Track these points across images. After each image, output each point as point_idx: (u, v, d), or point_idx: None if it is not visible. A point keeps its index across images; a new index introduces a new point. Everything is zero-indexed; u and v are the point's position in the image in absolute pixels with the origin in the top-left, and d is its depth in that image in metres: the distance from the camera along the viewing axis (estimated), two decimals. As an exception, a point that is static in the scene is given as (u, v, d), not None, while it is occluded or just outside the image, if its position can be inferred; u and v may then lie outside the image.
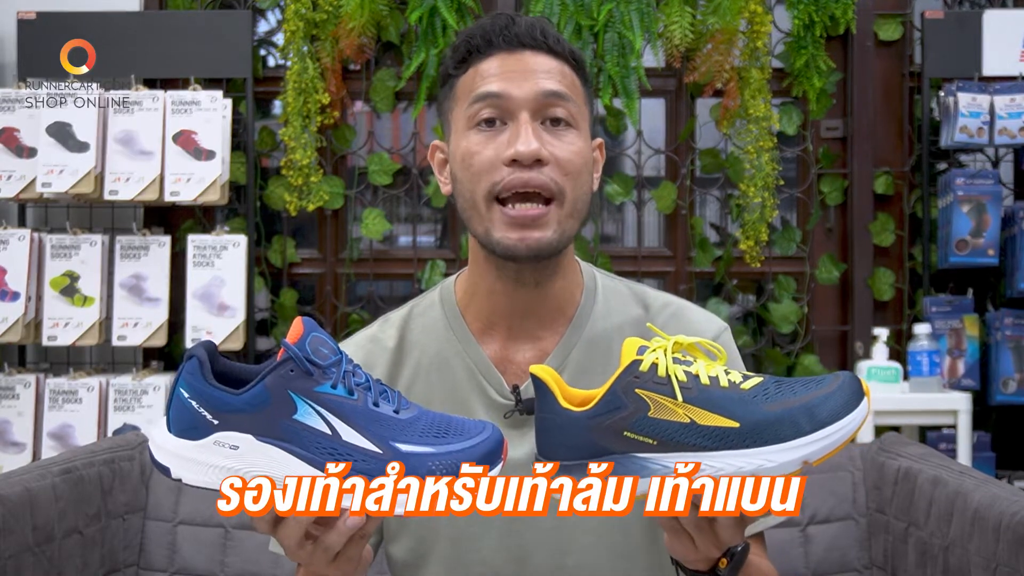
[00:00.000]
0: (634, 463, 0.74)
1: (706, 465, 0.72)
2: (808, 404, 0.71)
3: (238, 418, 0.72)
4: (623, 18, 2.47)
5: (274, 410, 0.72)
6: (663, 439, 0.72)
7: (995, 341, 2.44)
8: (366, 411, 0.73)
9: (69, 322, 2.31)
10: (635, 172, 2.65)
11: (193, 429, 0.73)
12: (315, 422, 0.72)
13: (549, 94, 0.96)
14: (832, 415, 0.70)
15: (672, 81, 2.67)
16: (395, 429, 0.73)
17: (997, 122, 2.37)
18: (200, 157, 2.31)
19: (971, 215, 2.39)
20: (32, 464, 1.64)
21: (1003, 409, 2.51)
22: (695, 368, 0.74)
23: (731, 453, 0.71)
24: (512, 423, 1.00)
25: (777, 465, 0.71)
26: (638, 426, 0.73)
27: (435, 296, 1.09)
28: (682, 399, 0.72)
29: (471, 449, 0.74)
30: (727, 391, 0.73)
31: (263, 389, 0.72)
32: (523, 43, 0.97)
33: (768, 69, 2.51)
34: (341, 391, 0.73)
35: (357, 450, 0.72)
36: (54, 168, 2.27)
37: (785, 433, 0.70)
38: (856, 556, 1.67)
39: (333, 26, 2.51)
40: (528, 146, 0.93)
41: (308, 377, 0.72)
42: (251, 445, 0.72)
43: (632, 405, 0.73)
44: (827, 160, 2.64)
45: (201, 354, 0.74)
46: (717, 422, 0.71)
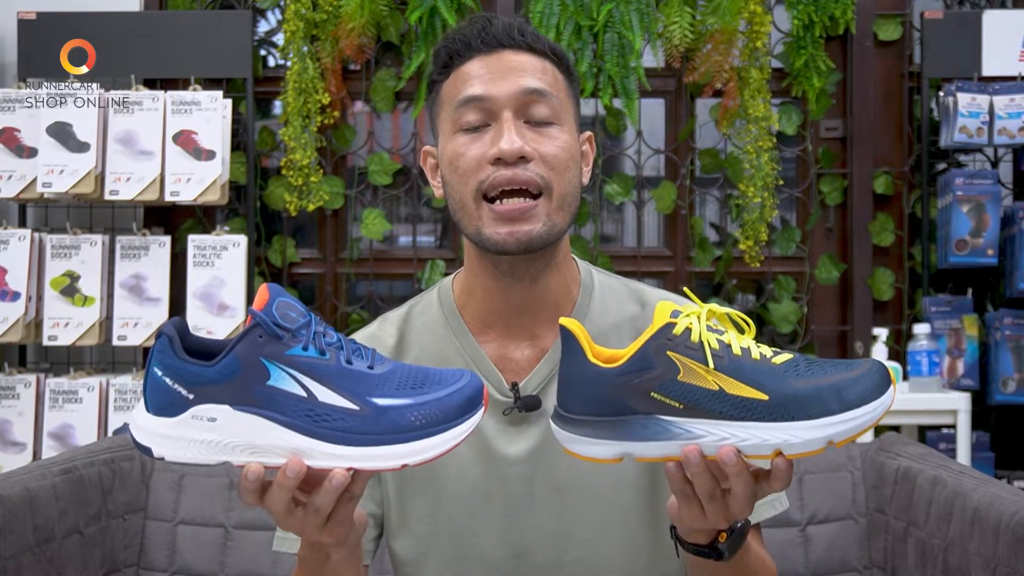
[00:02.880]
0: (657, 424, 0.73)
1: (731, 434, 0.71)
2: (837, 385, 0.71)
3: (213, 390, 0.72)
4: (623, 18, 2.47)
5: (247, 378, 0.72)
6: (690, 404, 0.72)
7: (994, 341, 2.45)
8: (339, 369, 0.73)
9: (69, 322, 2.31)
10: (635, 172, 2.65)
11: (170, 406, 0.73)
12: (290, 386, 0.72)
13: (530, 91, 0.96)
14: (860, 398, 0.70)
15: (672, 81, 2.67)
16: (371, 384, 0.73)
17: (996, 122, 2.37)
18: (200, 157, 2.31)
19: (970, 215, 2.39)
20: (32, 464, 1.64)
21: (1002, 409, 2.51)
22: (727, 338, 0.74)
23: (757, 425, 0.71)
24: (511, 420, 1.01)
25: (803, 442, 0.70)
26: (666, 388, 0.73)
27: (433, 296, 1.10)
28: (713, 366, 0.72)
29: (449, 396, 0.74)
30: (758, 363, 0.73)
31: (234, 358, 0.72)
32: (501, 43, 0.99)
33: (768, 69, 2.51)
34: (312, 352, 0.73)
35: (335, 409, 0.72)
36: (54, 168, 2.27)
37: (813, 410, 0.70)
38: (856, 556, 1.67)
39: (333, 26, 2.51)
40: (511, 144, 0.94)
41: (278, 341, 0.72)
42: (229, 415, 0.72)
43: (662, 367, 0.73)
44: (827, 160, 2.64)
45: (170, 331, 0.74)
46: (746, 392, 0.71)
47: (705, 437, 0.72)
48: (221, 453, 0.73)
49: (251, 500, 0.75)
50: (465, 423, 0.74)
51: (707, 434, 0.72)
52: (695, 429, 0.72)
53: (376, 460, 0.73)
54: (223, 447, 0.73)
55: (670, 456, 0.74)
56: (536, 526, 1.00)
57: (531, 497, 1.00)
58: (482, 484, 1.01)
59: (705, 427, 0.72)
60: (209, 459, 0.73)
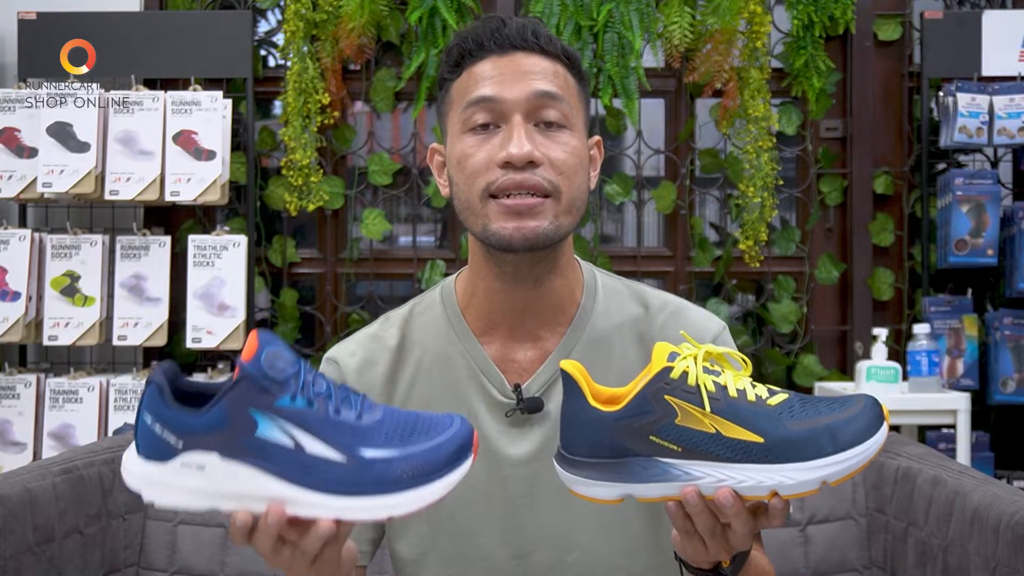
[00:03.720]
0: (656, 467, 0.75)
1: (728, 476, 0.74)
2: (831, 426, 0.73)
3: (202, 438, 0.72)
4: (623, 18, 2.47)
5: (236, 429, 0.72)
6: (688, 447, 0.74)
7: (994, 341, 2.45)
8: (327, 420, 0.73)
9: (70, 322, 2.31)
10: (635, 172, 2.65)
11: (160, 452, 0.73)
12: (278, 437, 0.72)
13: (541, 95, 0.96)
14: (854, 439, 0.72)
15: (672, 81, 2.67)
16: (358, 435, 0.73)
17: (996, 122, 2.37)
18: (200, 157, 2.31)
19: (970, 215, 2.39)
20: (32, 464, 1.64)
21: (1002, 409, 2.51)
22: (723, 379, 0.76)
23: (754, 467, 0.73)
24: (513, 422, 1.01)
25: (797, 483, 0.73)
26: (664, 432, 0.75)
27: (435, 295, 1.09)
28: (710, 409, 0.74)
29: (438, 447, 0.74)
30: (753, 405, 0.74)
31: (222, 409, 0.72)
32: (514, 45, 0.98)
33: (768, 69, 2.51)
34: (301, 403, 0.72)
35: (322, 461, 0.72)
36: (54, 168, 2.27)
37: (808, 452, 0.72)
38: (856, 556, 1.67)
39: (333, 26, 2.51)
40: (521, 148, 0.93)
41: (265, 393, 0.72)
42: (217, 464, 0.72)
43: (660, 411, 0.75)
44: (827, 160, 2.64)
45: (160, 379, 0.74)
46: (742, 435, 0.73)
47: (703, 479, 0.74)
48: (209, 500, 0.73)
49: (240, 543, 0.76)
50: (453, 474, 0.74)
51: (705, 476, 0.74)
52: (693, 471, 0.74)
53: (361, 511, 0.73)
54: (211, 495, 0.73)
55: (670, 497, 0.76)
56: (537, 527, 1.00)
57: (532, 498, 1.00)
58: (484, 485, 1.00)
59: (703, 469, 0.74)
60: (197, 506, 0.73)
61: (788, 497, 0.74)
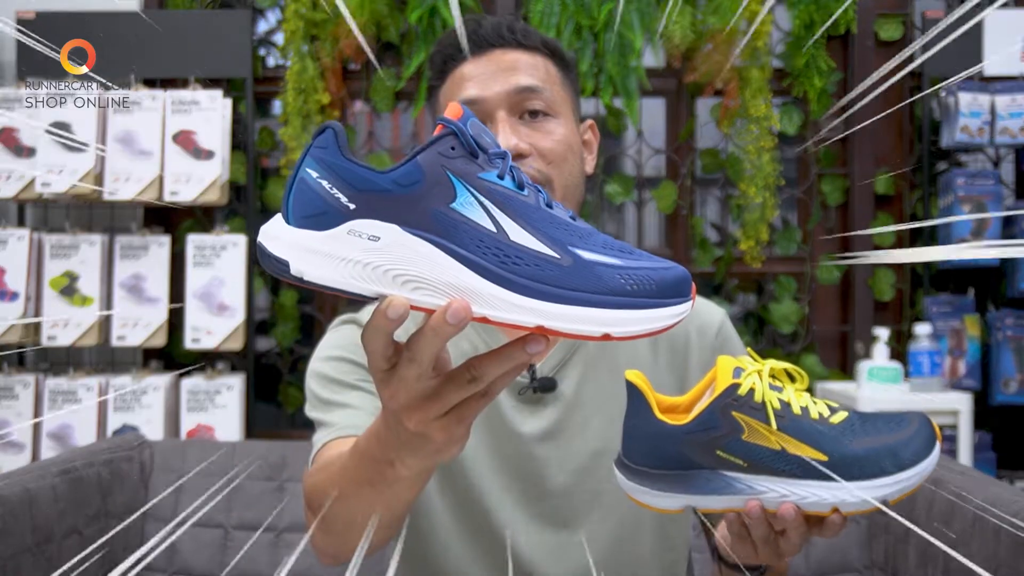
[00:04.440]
0: (721, 480, 0.77)
1: (792, 492, 0.76)
2: (891, 446, 0.76)
3: (382, 201, 0.58)
4: (623, 18, 2.47)
5: (428, 194, 0.58)
6: (754, 462, 0.76)
7: (996, 341, 2.44)
8: (539, 210, 0.59)
9: (68, 322, 2.30)
10: (635, 172, 2.65)
11: (322, 215, 0.58)
12: (478, 215, 0.58)
13: (522, 89, 0.98)
14: (913, 459, 0.76)
15: (672, 81, 2.66)
16: (574, 234, 0.59)
17: (998, 122, 2.36)
18: (200, 157, 2.31)
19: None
20: (32, 464, 1.64)
21: (1004, 409, 2.51)
22: (787, 396, 0.78)
23: (817, 484, 0.76)
24: (525, 400, 1.02)
25: (859, 501, 0.75)
26: (731, 447, 0.77)
27: None
28: (776, 427, 0.76)
29: (665, 270, 0.59)
30: (816, 423, 0.77)
31: (416, 167, 0.58)
32: (491, 43, 1.00)
33: (768, 69, 2.51)
34: (509, 183, 0.59)
35: (530, 253, 0.58)
36: (53, 168, 2.27)
37: (869, 471, 0.76)
38: (857, 556, 1.67)
39: (333, 26, 2.51)
40: (506, 143, 0.95)
41: (472, 160, 0.59)
42: (396, 236, 0.57)
43: (727, 427, 0.77)
44: (827, 160, 2.63)
45: (337, 126, 0.60)
46: (806, 452, 0.76)
47: (767, 493, 0.77)
48: (379, 283, 0.58)
49: (378, 344, 0.58)
50: (680, 305, 0.60)
51: (769, 491, 0.77)
52: (758, 486, 0.77)
53: (575, 322, 0.57)
54: (383, 275, 0.58)
55: (733, 508, 0.79)
56: (546, 502, 1.02)
57: (542, 477, 1.02)
58: (494, 453, 1.02)
59: (767, 484, 0.77)
60: (362, 287, 0.58)
61: (849, 514, 0.77)
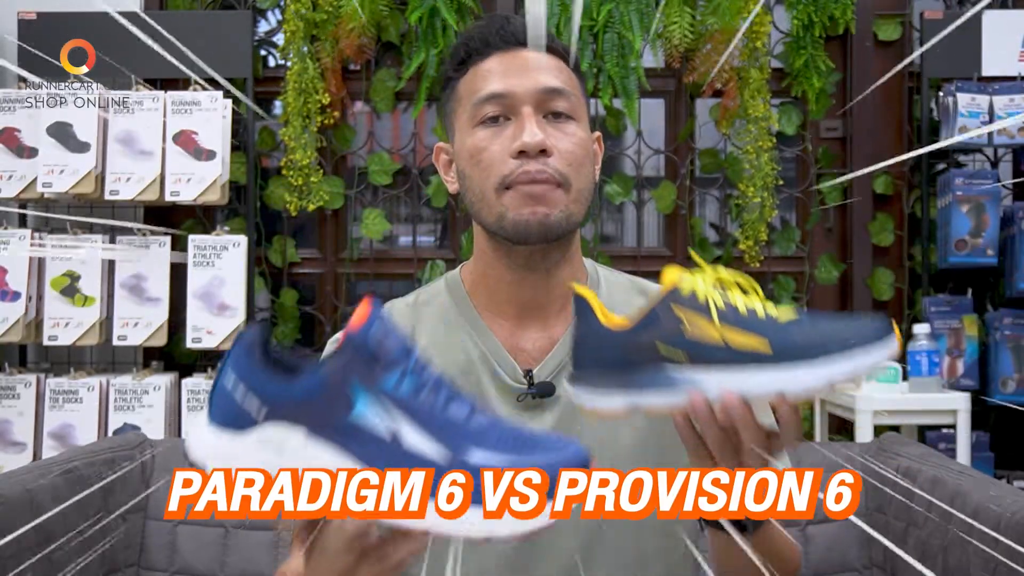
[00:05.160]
0: (663, 375, 0.76)
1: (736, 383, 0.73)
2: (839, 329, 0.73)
3: (289, 409, 0.63)
4: (623, 18, 2.47)
5: (330, 403, 0.62)
6: (695, 354, 0.74)
7: (994, 341, 2.45)
8: (434, 414, 0.63)
9: (70, 322, 2.31)
10: (635, 172, 2.65)
11: (236, 421, 0.64)
12: (375, 421, 0.62)
13: (549, 90, 0.99)
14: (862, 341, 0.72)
15: (672, 81, 2.67)
16: (468, 434, 0.63)
17: (997, 122, 2.37)
18: (200, 157, 2.31)
19: (970, 215, 2.39)
20: (32, 464, 1.64)
21: (1002, 409, 2.51)
22: (734, 299, 0.77)
23: (760, 370, 0.73)
24: (524, 406, 1.03)
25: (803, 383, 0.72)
26: (672, 341, 0.75)
27: (440, 285, 1.12)
28: (719, 321, 0.74)
29: (554, 466, 0.61)
30: (763, 320, 0.75)
31: (320, 379, 0.63)
32: (520, 41, 1.01)
33: (767, 69, 2.51)
34: (408, 387, 0.63)
35: (416, 460, 0.62)
36: (54, 168, 2.27)
37: (814, 354, 0.72)
38: (856, 556, 1.67)
39: (333, 26, 2.51)
40: (533, 137, 0.96)
41: (371, 369, 0.63)
42: (301, 441, 0.63)
43: (669, 323, 0.76)
44: (827, 160, 2.64)
45: (253, 336, 0.65)
46: (750, 342, 0.73)
47: (710, 387, 0.74)
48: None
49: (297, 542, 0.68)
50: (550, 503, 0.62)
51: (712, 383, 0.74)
52: (699, 377, 0.74)
53: (458, 527, 0.61)
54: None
55: (676, 406, 0.76)
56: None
57: None
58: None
59: (710, 377, 0.74)
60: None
61: (796, 399, 0.74)
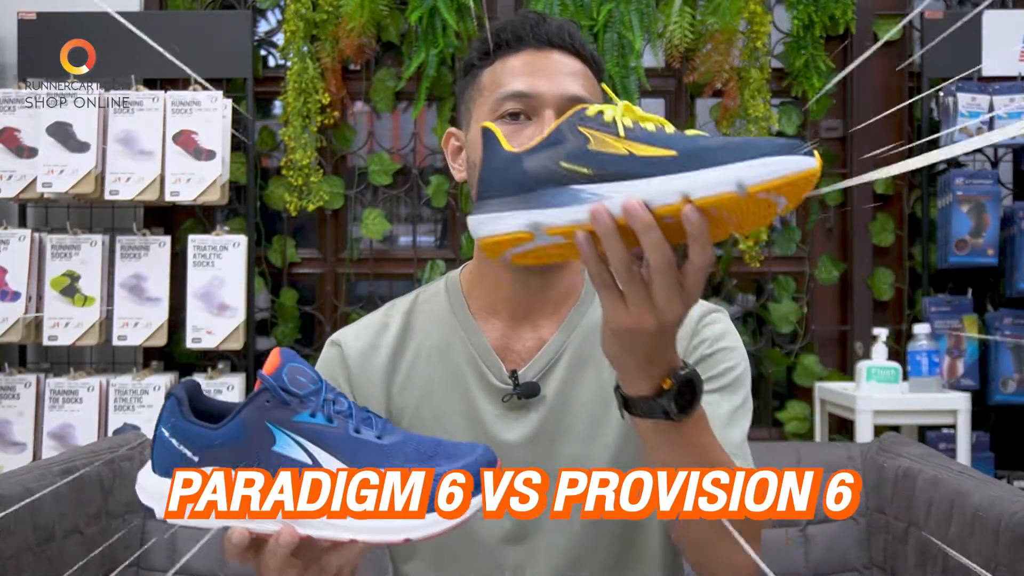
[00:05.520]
0: (566, 192, 0.72)
1: (638, 190, 0.70)
2: (753, 140, 0.68)
3: (218, 453, 0.71)
4: (623, 18, 2.47)
5: (252, 442, 0.71)
6: (599, 169, 0.72)
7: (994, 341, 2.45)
8: (347, 438, 0.72)
9: (69, 322, 2.31)
10: (635, 172, 2.65)
11: (175, 467, 0.72)
12: (295, 452, 0.71)
13: (574, 98, 0.98)
14: (776, 150, 0.66)
15: (672, 81, 2.67)
16: (378, 455, 0.71)
17: (996, 122, 2.37)
18: (200, 157, 2.31)
19: (970, 215, 2.39)
20: (32, 464, 1.65)
21: (1002, 409, 2.51)
22: (643, 123, 0.74)
23: (665, 177, 0.69)
24: (510, 406, 1.03)
25: (709, 183, 0.67)
26: (575, 157, 0.73)
27: (440, 285, 1.13)
28: (624, 136, 0.72)
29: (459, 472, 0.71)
30: (670, 134, 0.72)
31: (240, 422, 0.71)
32: (552, 43, 1.00)
33: (768, 69, 2.51)
34: (320, 419, 0.72)
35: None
36: (54, 168, 2.27)
37: (723, 158, 0.67)
38: (856, 556, 1.67)
39: (333, 26, 2.51)
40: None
41: (285, 407, 0.71)
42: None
43: (574, 140, 0.73)
44: (827, 160, 2.64)
45: (180, 393, 0.74)
46: (655, 152, 0.70)
47: (613, 197, 0.70)
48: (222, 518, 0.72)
49: (237, 561, 0.73)
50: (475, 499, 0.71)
51: (615, 194, 0.70)
52: (603, 191, 0.71)
53: (379, 532, 0.70)
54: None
55: (580, 223, 0.72)
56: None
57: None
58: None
59: (613, 188, 0.71)
60: (210, 524, 0.72)
61: (701, 202, 0.67)
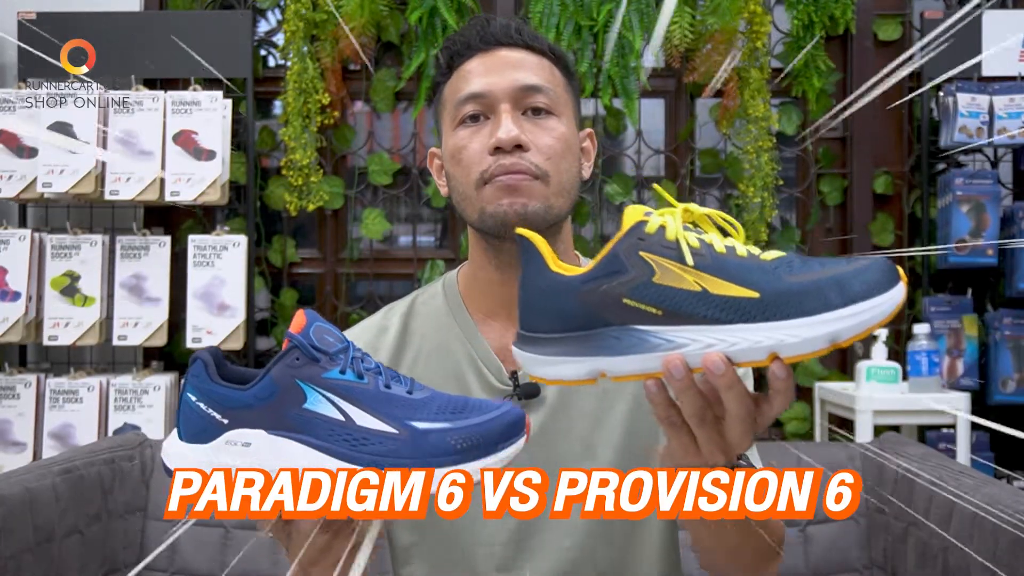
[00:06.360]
0: (633, 335, 0.63)
1: (718, 340, 0.61)
2: (838, 277, 0.60)
3: (247, 414, 0.71)
4: (623, 18, 2.47)
5: (283, 401, 0.70)
6: (669, 309, 0.62)
7: (994, 341, 2.45)
8: (378, 393, 0.71)
9: (70, 322, 2.31)
10: (635, 172, 2.65)
11: (203, 432, 0.72)
12: (326, 409, 0.70)
13: (527, 88, 1.00)
14: (866, 291, 0.59)
15: (672, 81, 2.67)
16: (410, 408, 0.71)
17: (996, 122, 2.37)
18: (200, 157, 2.31)
19: (970, 215, 2.39)
20: (32, 464, 1.64)
21: (1002, 409, 2.51)
22: (708, 237, 0.64)
23: (748, 327, 0.61)
24: None
25: (801, 341, 0.60)
26: (640, 293, 0.63)
27: (438, 287, 1.13)
28: (693, 264, 0.62)
29: (491, 422, 0.71)
30: (744, 260, 0.63)
31: (270, 381, 0.71)
32: (499, 41, 1.02)
33: (768, 69, 2.51)
34: (350, 376, 0.72)
35: (372, 433, 0.70)
36: (54, 168, 2.27)
37: (811, 306, 0.60)
38: (856, 556, 1.67)
39: (333, 26, 2.51)
40: (508, 133, 0.96)
41: (315, 364, 0.71)
42: (263, 440, 0.70)
43: (635, 269, 0.63)
44: (827, 160, 2.64)
45: (205, 356, 0.74)
46: (733, 291, 0.61)
47: (688, 346, 0.62)
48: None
49: (270, 533, 0.74)
50: (507, 449, 0.71)
51: (691, 342, 0.62)
52: (676, 337, 0.62)
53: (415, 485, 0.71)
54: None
55: (650, 372, 0.64)
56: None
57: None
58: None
59: (688, 334, 0.62)
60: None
61: (792, 359, 0.61)
